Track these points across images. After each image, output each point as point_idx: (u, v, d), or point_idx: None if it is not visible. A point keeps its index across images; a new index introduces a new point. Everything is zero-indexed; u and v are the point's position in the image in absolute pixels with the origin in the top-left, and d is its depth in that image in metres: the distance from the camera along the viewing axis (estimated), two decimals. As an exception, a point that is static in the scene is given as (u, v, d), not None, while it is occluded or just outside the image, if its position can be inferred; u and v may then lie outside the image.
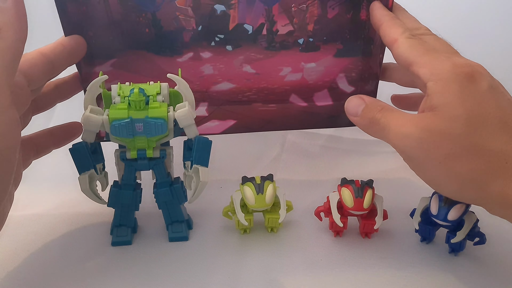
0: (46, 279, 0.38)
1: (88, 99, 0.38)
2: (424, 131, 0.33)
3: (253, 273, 0.38)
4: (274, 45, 0.48)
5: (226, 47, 0.47)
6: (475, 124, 0.32)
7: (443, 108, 0.33)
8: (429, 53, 0.36)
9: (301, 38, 0.48)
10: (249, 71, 0.48)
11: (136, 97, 0.36)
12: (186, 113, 0.37)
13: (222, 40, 0.47)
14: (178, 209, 0.42)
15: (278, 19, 0.47)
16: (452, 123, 0.32)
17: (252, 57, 0.48)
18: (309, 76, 0.49)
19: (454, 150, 0.32)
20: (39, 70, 0.36)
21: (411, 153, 0.34)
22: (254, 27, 0.47)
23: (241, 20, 0.46)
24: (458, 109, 0.32)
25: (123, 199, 0.41)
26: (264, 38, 0.48)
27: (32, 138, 0.41)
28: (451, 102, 0.33)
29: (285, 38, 0.48)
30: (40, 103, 0.40)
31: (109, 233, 0.43)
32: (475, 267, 0.39)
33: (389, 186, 0.50)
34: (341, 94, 0.51)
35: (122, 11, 0.45)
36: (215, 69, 0.48)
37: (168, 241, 0.42)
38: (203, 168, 0.38)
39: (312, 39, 0.48)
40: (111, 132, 0.37)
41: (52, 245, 0.42)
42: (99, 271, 0.39)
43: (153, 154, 0.39)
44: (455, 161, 0.32)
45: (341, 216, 0.41)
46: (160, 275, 0.38)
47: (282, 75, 0.49)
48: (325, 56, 0.49)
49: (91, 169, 0.39)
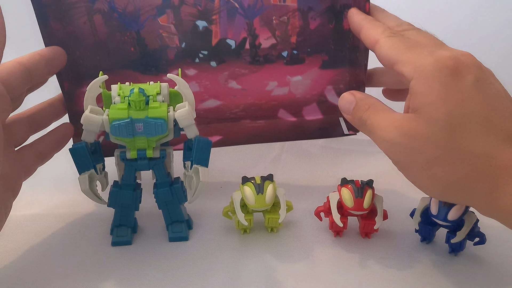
0: (46, 279, 0.38)
1: (88, 99, 0.38)
2: (405, 136, 0.32)
3: (253, 273, 0.38)
4: (258, 59, 0.48)
5: (210, 63, 0.47)
6: (457, 127, 0.31)
7: (424, 110, 0.32)
8: (411, 50, 0.35)
9: (284, 51, 0.47)
10: (235, 87, 0.48)
11: (136, 97, 0.36)
12: (186, 113, 0.37)
13: (206, 56, 0.47)
14: (178, 209, 0.42)
15: (260, 32, 0.46)
16: (433, 127, 0.31)
17: (237, 72, 0.48)
18: (296, 90, 0.49)
19: (435, 155, 0.31)
20: (17, 78, 0.37)
21: (394, 157, 0.34)
22: (237, 41, 0.47)
23: (223, 35, 0.46)
24: (439, 110, 0.31)
25: (123, 199, 0.41)
26: (248, 52, 0.47)
27: (33, 144, 0.41)
28: (432, 103, 0.32)
29: (269, 51, 0.47)
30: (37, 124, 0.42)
31: (109, 233, 0.43)
32: (475, 267, 0.39)
33: (389, 186, 0.50)
34: (331, 107, 0.50)
35: (107, 30, 0.45)
36: (200, 86, 0.48)
37: (168, 241, 0.42)
38: (203, 168, 0.38)
39: (296, 51, 0.47)
40: (111, 132, 0.37)
41: (52, 245, 0.42)
42: (99, 271, 0.39)
43: (153, 154, 0.39)
44: (437, 166, 0.31)
45: (341, 216, 0.41)
46: (160, 275, 0.38)
47: (269, 89, 0.49)
48: (310, 68, 0.48)
49: (91, 169, 0.39)
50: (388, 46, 0.36)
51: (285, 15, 0.46)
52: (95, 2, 0.44)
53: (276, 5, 0.45)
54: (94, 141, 0.39)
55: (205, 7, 0.45)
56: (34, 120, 0.41)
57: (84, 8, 0.44)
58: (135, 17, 0.45)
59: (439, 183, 0.32)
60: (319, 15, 0.46)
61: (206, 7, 0.45)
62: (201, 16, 0.45)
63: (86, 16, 0.44)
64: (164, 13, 0.43)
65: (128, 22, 0.45)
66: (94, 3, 0.44)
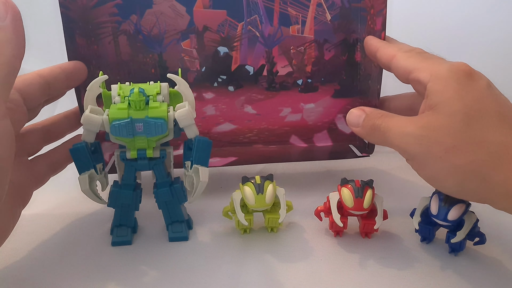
0: (46, 279, 0.38)
1: (88, 99, 0.38)
2: (424, 128, 0.34)
3: (253, 273, 0.38)
4: (274, 86, 0.50)
5: (228, 88, 0.50)
6: (474, 118, 0.33)
7: (442, 105, 0.34)
8: (427, 60, 0.37)
9: (300, 79, 0.51)
10: (250, 112, 0.50)
11: (136, 97, 0.36)
12: (186, 113, 0.37)
13: (225, 80, 0.49)
14: (178, 209, 0.42)
15: (278, 61, 0.50)
16: (451, 118, 0.33)
17: (253, 97, 0.50)
18: (308, 117, 0.51)
19: (454, 144, 0.33)
20: (35, 90, 0.38)
21: (412, 150, 0.35)
22: (255, 68, 0.50)
23: (243, 62, 0.49)
24: (456, 104, 0.33)
25: (123, 199, 0.41)
26: (265, 79, 0.50)
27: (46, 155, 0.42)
28: (449, 98, 0.33)
29: (285, 79, 0.50)
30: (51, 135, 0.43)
31: (109, 233, 0.43)
32: (475, 267, 0.39)
33: (389, 186, 0.50)
34: (341, 135, 0.53)
35: (130, 51, 0.47)
36: (217, 110, 0.50)
37: (168, 241, 0.42)
38: (203, 168, 0.38)
39: (310, 80, 0.51)
40: (111, 132, 0.37)
41: (52, 245, 0.42)
42: (99, 271, 0.39)
43: (153, 154, 0.39)
44: (456, 155, 0.32)
45: (341, 216, 0.41)
46: (160, 275, 0.38)
47: (282, 115, 0.51)
48: (323, 96, 0.51)
49: (91, 169, 0.39)
50: (405, 58, 0.38)
51: (302, 45, 0.50)
52: (121, 23, 0.47)
53: (295, 36, 0.49)
54: (94, 141, 0.39)
55: (228, 34, 0.49)
56: (49, 131, 0.42)
57: (111, 29, 0.47)
58: (159, 40, 0.47)
59: (457, 173, 0.33)
60: (333, 47, 0.50)
61: (228, 34, 0.49)
62: (223, 42, 0.49)
63: (112, 36, 0.47)
64: (188, 38, 0.45)
65: (151, 44, 0.47)
66: (120, 24, 0.47)
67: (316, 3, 0.49)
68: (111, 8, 0.47)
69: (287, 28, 0.49)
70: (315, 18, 0.49)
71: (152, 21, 0.47)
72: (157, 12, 0.47)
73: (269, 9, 0.49)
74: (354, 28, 0.50)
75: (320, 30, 0.50)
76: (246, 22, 0.49)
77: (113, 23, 0.47)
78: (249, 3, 0.48)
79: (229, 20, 0.48)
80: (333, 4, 0.49)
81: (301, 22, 0.49)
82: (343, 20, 0.49)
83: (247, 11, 0.48)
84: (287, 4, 0.48)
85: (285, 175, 0.55)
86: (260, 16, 0.49)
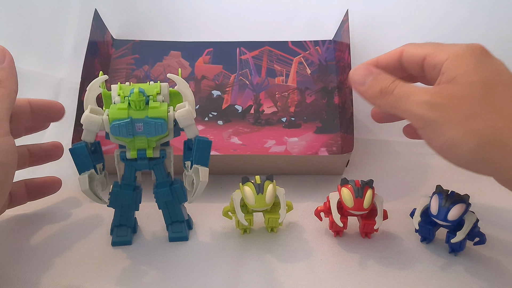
0: (46, 279, 0.38)
1: (88, 99, 0.38)
2: (442, 96, 0.34)
3: (253, 273, 0.38)
4: (260, 121, 0.56)
5: (218, 122, 0.56)
6: (492, 88, 0.33)
7: (460, 77, 0.34)
8: (441, 45, 0.37)
9: (284, 117, 0.56)
10: (236, 142, 0.54)
11: (136, 97, 0.36)
12: (186, 113, 0.37)
13: (215, 116, 0.56)
14: (178, 209, 0.42)
15: (264, 102, 0.58)
16: (470, 87, 0.33)
17: (240, 130, 0.55)
18: (292, 149, 0.54)
19: (473, 110, 0.33)
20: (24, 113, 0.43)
21: (429, 117, 0.34)
22: (244, 107, 0.57)
23: (233, 102, 0.57)
24: (475, 75, 0.33)
25: (123, 199, 0.41)
26: (252, 116, 0.56)
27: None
28: (467, 71, 0.34)
29: (270, 116, 0.56)
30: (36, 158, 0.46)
31: (109, 233, 0.43)
32: (475, 267, 0.39)
33: (389, 186, 0.50)
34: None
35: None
36: None
37: (168, 241, 0.42)
38: (203, 168, 0.38)
39: (294, 118, 0.56)
40: (111, 132, 0.37)
41: (52, 245, 0.42)
42: (99, 271, 0.39)
43: (153, 154, 0.39)
44: (475, 120, 0.33)
45: (341, 216, 0.41)
46: (160, 275, 0.38)
47: (267, 146, 0.54)
48: (306, 132, 0.55)
49: (91, 169, 0.38)
50: (417, 47, 0.38)
51: (286, 91, 0.58)
52: (134, 70, 0.59)
53: (280, 85, 0.59)
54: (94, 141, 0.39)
55: (222, 82, 0.59)
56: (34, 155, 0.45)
57: (125, 73, 0.59)
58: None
59: (475, 137, 0.33)
60: (314, 93, 0.58)
61: (222, 82, 0.59)
62: (217, 87, 0.58)
63: (124, 78, 0.58)
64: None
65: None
66: (133, 71, 0.59)
67: (298, 61, 0.60)
68: (130, 59, 0.60)
69: (273, 79, 0.59)
70: (297, 72, 0.59)
71: (160, 70, 0.59)
72: (165, 64, 0.60)
73: (258, 65, 0.60)
74: (331, 79, 0.59)
75: (302, 80, 0.59)
76: (238, 73, 0.59)
77: (128, 70, 0.59)
78: (242, 61, 0.60)
79: (223, 72, 0.59)
80: (312, 62, 0.60)
81: (285, 74, 0.59)
82: (321, 74, 0.59)
83: (239, 66, 0.60)
84: (273, 62, 0.60)
85: (285, 175, 0.55)
86: (250, 70, 0.60)
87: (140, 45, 0.61)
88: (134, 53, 0.60)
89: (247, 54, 0.60)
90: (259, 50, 0.61)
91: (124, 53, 0.60)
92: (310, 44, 0.61)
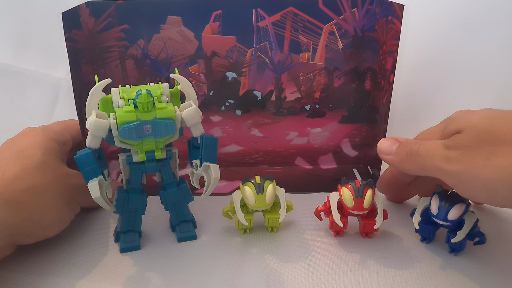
0: (47, 281, 0.38)
1: (91, 104, 0.37)
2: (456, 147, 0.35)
3: (253, 273, 0.38)
4: (282, 111, 0.51)
5: (236, 112, 0.51)
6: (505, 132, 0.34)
7: (470, 126, 0.35)
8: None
9: (308, 105, 0.51)
10: (257, 135, 0.52)
11: (144, 98, 0.35)
12: (193, 112, 0.37)
13: (232, 105, 0.50)
14: (186, 209, 0.42)
15: (287, 87, 0.50)
16: (481, 132, 0.34)
17: (260, 121, 0.51)
18: (314, 141, 0.52)
19: (493, 150, 0.33)
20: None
21: (455, 169, 0.35)
22: (264, 93, 0.50)
23: (251, 87, 0.50)
24: (484, 123, 0.35)
25: (133, 203, 0.40)
26: (273, 104, 0.51)
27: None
28: (476, 120, 0.35)
29: (293, 104, 0.51)
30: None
31: (114, 240, 0.42)
32: (475, 267, 0.39)
33: (389, 186, 0.50)
34: (345, 158, 0.54)
35: (138, 75, 0.48)
36: (224, 132, 0.51)
37: (177, 241, 0.42)
38: (214, 165, 0.38)
39: (318, 105, 0.51)
40: (121, 135, 0.36)
41: (52, 245, 0.42)
42: (100, 272, 0.38)
43: (161, 155, 0.39)
44: (499, 157, 0.33)
45: (341, 216, 0.41)
46: (159, 275, 0.38)
47: (289, 138, 0.52)
48: (330, 121, 0.52)
49: (100, 175, 0.37)
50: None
51: (312, 72, 0.50)
52: (128, 48, 0.48)
53: (304, 63, 0.49)
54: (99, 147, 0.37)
55: (237, 60, 0.49)
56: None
57: (118, 53, 0.48)
58: (167, 64, 0.48)
59: (503, 171, 0.33)
60: (343, 75, 0.50)
61: (237, 60, 0.49)
62: (231, 68, 0.49)
63: (119, 60, 0.48)
64: (196, 63, 0.45)
65: (159, 68, 0.48)
66: (127, 48, 0.48)
67: (329, 31, 0.48)
68: (118, 33, 0.47)
69: (297, 55, 0.49)
70: (326, 46, 0.49)
71: (159, 46, 0.48)
72: (164, 37, 0.48)
73: (280, 36, 0.48)
74: (366, 57, 0.49)
75: (331, 58, 0.49)
76: (255, 48, 0.49)
77: (120, 47, 0.47)
78: (259, 30, 0.48)
79: (238, 46, 0.48)
80: (346, 32, 0.48)
81: (312, 49, 0.49)
82: (355, 49, 0.49)
83: (257, 38, 0.48)
84: (298, 31, 0.48)
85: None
86: (270, 43, 0.48)
87: (126, 8, 0.46)
88: (121, 23, 0.47)
89: (266, 20, 0.48)
90: (281, 12, 0.47)
91: (108, 22, 0.47)
92: (346, 3, 0.47)
